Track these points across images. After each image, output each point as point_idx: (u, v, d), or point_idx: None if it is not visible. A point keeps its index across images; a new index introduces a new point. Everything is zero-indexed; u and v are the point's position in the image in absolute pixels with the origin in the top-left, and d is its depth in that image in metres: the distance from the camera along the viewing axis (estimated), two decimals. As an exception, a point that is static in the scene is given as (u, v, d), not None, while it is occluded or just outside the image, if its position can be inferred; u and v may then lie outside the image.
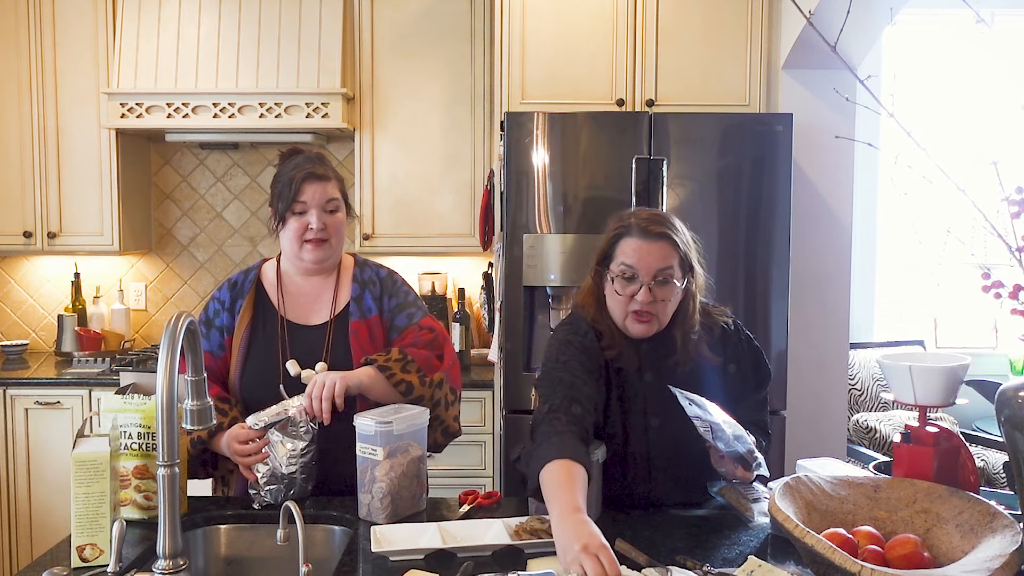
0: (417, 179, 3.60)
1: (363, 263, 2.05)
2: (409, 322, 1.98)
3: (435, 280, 3.81)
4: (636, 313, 1.72)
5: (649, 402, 1.77)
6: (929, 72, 4.32)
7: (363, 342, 1.93)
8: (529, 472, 1.60)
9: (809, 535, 1.25)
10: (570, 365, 1.71)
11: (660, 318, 1.73)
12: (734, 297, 2.91)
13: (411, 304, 2.01)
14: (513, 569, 1.43)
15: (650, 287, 1.69)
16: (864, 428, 3.76)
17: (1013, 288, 1.38)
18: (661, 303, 1.71)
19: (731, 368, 1.82)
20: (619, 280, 1.72)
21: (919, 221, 4.24)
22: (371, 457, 1.71)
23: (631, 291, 1.71)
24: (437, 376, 1.92)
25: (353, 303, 1.97)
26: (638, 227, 1.72)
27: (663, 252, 1.70)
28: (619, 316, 1.75)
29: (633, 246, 1.71)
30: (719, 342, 1.81)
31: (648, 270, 1.70)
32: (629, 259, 1.71)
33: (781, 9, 3.16)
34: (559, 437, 1.58)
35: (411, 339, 1.94)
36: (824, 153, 3.15)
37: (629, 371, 1.77)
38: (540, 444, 1.60)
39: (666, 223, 1.74)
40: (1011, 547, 1.24)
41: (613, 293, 1.74)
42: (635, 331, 1.74)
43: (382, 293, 2.00)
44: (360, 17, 3.56)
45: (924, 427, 1.52)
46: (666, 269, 1.70)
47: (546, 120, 2.90)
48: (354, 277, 2.00)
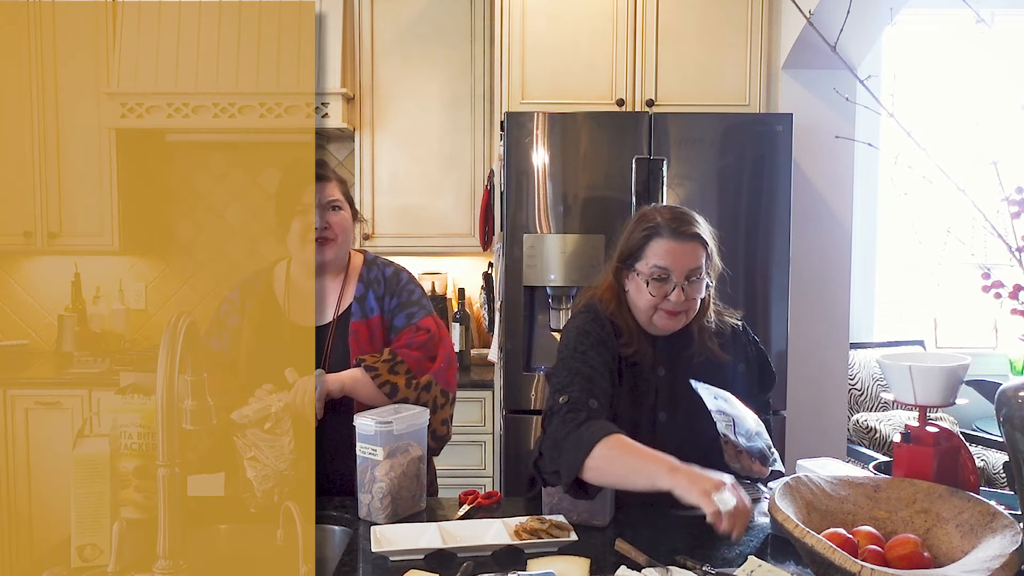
0: (417, 179, 3.60)
1: (372, 261, 2.04)
2: (407, 322, 1.97)
3: (435, 280, 3.81)
4: (666, 310, 1.74)
5: (659, 396, 1.78)
6: (929, 72, 4.32)
7: (362, 343, 1.93)
8: (564, 463, 1.60)
9: (809, 535, 1.25)
10: (588, 356, 1.72)
11: (689, 314, 1.77)
12: (734, 297, 2.91)
13: (413, 304, 2.00)
14: (513, 569, 1.43)
15: (683, 287, 1.72)
16: (864, 428, 3.75)
17: (1013, 288, 1.38)
18: (691, 301, 1.74)
19: (740, 367, 1.85)
20: (653, 283, 1.73)
21: (919, 221, 4.24)
22: (371, 457, 1.71)
23: (664, 291, 1.72)
24: (425, 379, 1.91)
25: (356, 303, 1.97)
26: (669, 228, 1.73)
27: (695, 252, 1.73)
28: (646, 314, 1.76)
29: (665, 247, 1.73)
30: (730, 341, 1.85)
31: (681, 271, 1.72)
32: (662, 261, 1.72)
33: (781, 9, 3.16)
34: (591, 423, 1.60)
35: (406, 340, 1.94)
36: (824, 153, 3.15)
37: (644, 366, 1.79)
38: (569, 435, 1.60)
39: (693, 221, 1.76)
40: (1011, 547, 1.24)
41: (644, 293, 1.74)
42: (665, 326, 1.76)
43: (385, 293, 1.99)
44: (360, 17, 3.56)
45: (924, 427, 1.52)
46: (696, 268, 1.73)
47: (546, 120, 2.90)
48: (360, 276, 2.00)
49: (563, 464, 1.60)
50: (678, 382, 1.77)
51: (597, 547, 1.55)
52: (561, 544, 1.54)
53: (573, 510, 1.68)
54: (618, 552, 1.51)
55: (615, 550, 1.51)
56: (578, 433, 1.59)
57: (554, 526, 1.57)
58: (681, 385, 1.77)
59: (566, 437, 1.60)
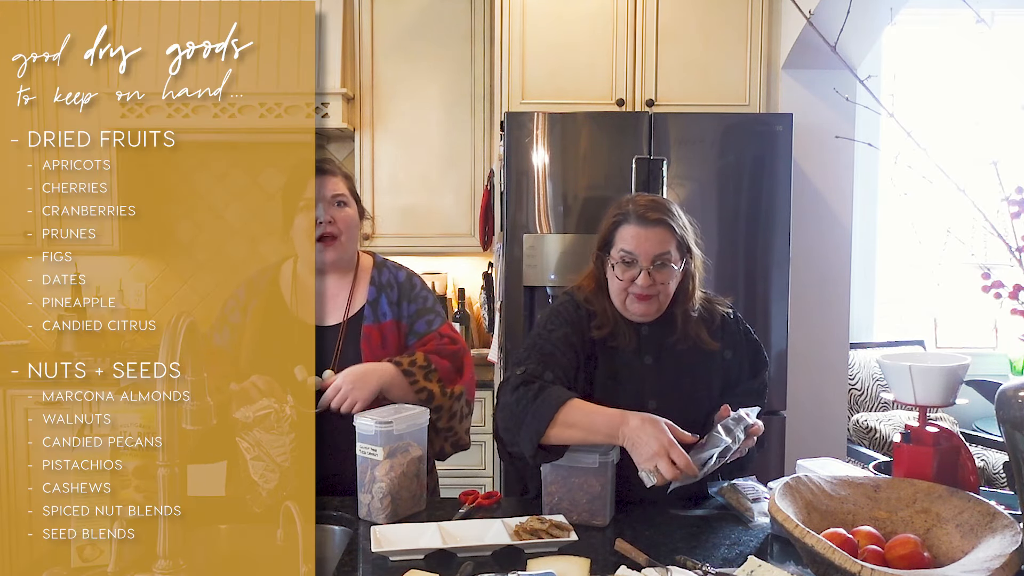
0: (417, 179, 3.60)
1: (382, 264, 2.03)
2: (428, 328, 1.97)
3: (435, 280, 3.81)
4: (636, 295, 1.76)
5: (647, 384, 1.80)
6: (929, 72, 4.31)
7: (374, 347, 1.92)
8: (524, 436, 1.65)
9: (809, 535, 1.25)
10: (553, 336, 1.78)
11: (660, 299, 1.78)
12: (734, 297, 2.91)
13: (430, 310, 2.00)
14: (513, 569, 1.43)
15: (649, 271, 1.74)
16: (864, 428, 3.75)
17: (1013, 288, 1.38)
18: (661, 286, 1.76)
19: (727, 354, 1.85)
20: (619, 266, 1.77)
21: (919, 221, 4.24)
22: (371, 457, 1.71)
23: (631, 276, 1.76)
24: (458, 388, 1.93)
25: (368, 307, 1.96)
26: (636, 214, 1.77)
27: (660, 237, 1.76)
28: (619, 299, 1.79)
29: (632, 232, 1.76)
30: (719, 329, 1.86)
31: (647, 255, 1.75)
32: (628, 245, 1.76)
33: (781, 9, 3.16)
34: (547, 391, 1.67)
35: (434, 346, 1.94)
36: (824, 153, 3.15)
37: (624, 350, 1.80)
38: (527, 408, 1.65)
39: (662, 209, 1.79)
40: (1011, 547, 1.24)
41: (614, 278, 1.78)
42: (636, 310, 1.78)
43: (400, 298, 1.98)
44: (360, 17, 3.56)
45: (924, 427, 1.52)
46: (664, 254, 1.75)
47: (546, 120, 2.90)
48: (372, 279, 1.99)
49: (523, 437, 1.66)
50: (665, 370, 1.81)
51: (597, 547, 1.55)
52: (561, 544, 1.54)
53: (573, 510, 1.68)
54: (618, 552, 1.51)
55: (615, 550, 1.51)
56: (535, 405, 1.65)
57: (554, 526, 1.57)
58: (668, 372, 1.80)
59: (524, 410, 1.66)
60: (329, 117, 3.38)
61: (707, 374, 1.82)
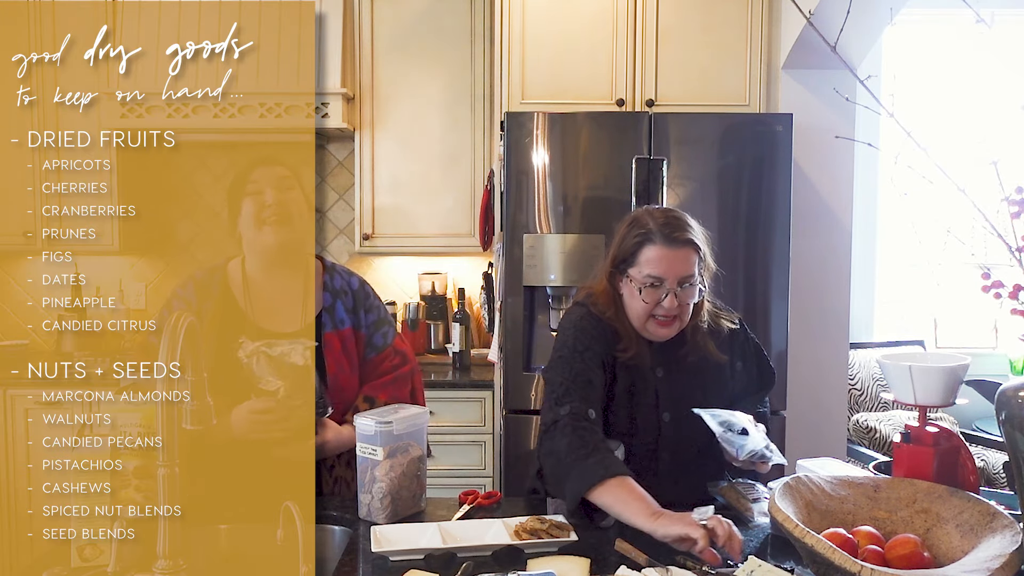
0: (417, 179, 3.60)
1: (331, 268, 1.96)
2: (384, 342, 1.95)
3: (435, 280, 3.81)
4: (659, 318, 1.74)
5: (661, 397, 1.79)
6: (929, 72, 4.31)
7: (336, 355, 1.88)
8: (568, 491, 1.61)
9: (809, 535, 1.25)
10: (586, 356, 1.73)
11: (682, 319, 1.76)
12: (734, 297, 2.91)
13: (385, 321, 1.98)
14: (513, 569, 1.43)
15: (675, 293, 1.71)
16: (864, 428, 3.75)
17: (1013, 288, 1.38)
18: (684, 306, 1.74)
19: (737, 365, 1.86)
20: (646, 290, 1.73)
21: (919, 221, 4.24)
22: (371, 457, 1.71)
23: (656, 298, 1.72)
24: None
25: (326, 313, 1.90)
26: (661, 234, 1.73)
27: (688, 258, 1.73)
28: (640, 320, 1.76)
29: (658, 254, 1.72)
30: (726, 341, 1.85)
31: (674, 278, 1.72)
32: (655, 269, 1.72)
33: (781, 9, 3.16)
34: (598, 456, 1.60)
35: (390, 374, 1.93)
36: (824, 153, 3.15)
37: (642, 368, 1.79)
38: (575, 465, 1.60)
39: (686, 226, 1.76)
40: (1011, 547, 1.24)
41: (637, 300, 1.75)
42: (659, 335, 1.77)
43: (356, 306, 1.93)
44: (360, 17, 3.56)
45: (924, 427, 1.52)
46: (690, 276, 1.73)
47: (546, 120, 2.90)
48: (324, 285, 1.92)
49: (567, 491, 1.61)
50: (676, 382, 1.79)
51: (597, 547, 1.55)
52: (561, 544, 1.54)
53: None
54: (618, 552, 1.51)
55: (615, 550, 1.51)
56: (583, 466, 1.59)
57: (554, 526, 1.57)
58: (679, 384, 1.79)
59: (572, 467, 1.61)
60: (329, 117, 3.38)
61: (717, 385, 1.82)
